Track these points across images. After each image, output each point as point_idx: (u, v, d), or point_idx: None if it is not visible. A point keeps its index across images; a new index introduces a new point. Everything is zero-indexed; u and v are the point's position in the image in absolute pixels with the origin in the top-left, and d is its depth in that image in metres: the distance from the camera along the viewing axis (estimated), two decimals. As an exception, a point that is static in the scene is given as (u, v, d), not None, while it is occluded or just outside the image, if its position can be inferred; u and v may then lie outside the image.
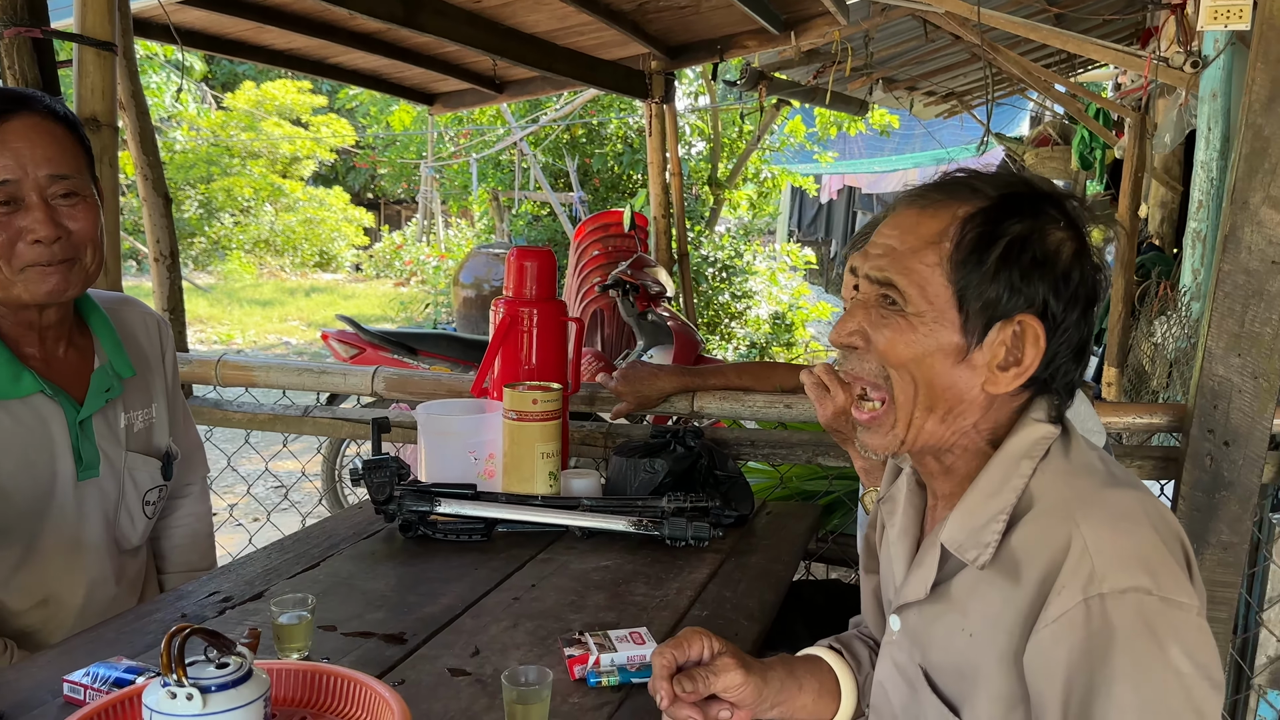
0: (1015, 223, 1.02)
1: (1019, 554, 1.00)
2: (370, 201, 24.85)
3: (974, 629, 1.03)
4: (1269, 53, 1.72)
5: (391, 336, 4.99)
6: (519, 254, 2.15)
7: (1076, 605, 0.92)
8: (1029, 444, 1.05)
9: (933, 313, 1.03)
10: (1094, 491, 1.00)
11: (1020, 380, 1.04)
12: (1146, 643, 0.90)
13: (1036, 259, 1.02)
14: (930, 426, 1.06)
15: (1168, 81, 4.07)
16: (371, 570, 1.72)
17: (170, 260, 2.73)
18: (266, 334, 12.32)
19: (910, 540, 1.18)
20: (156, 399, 1.82)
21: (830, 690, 1.28)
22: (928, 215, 1.05)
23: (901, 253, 1.05)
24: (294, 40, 4.45)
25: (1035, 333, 1.02)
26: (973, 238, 1.02)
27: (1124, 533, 0.95)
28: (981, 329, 1.02)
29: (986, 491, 1.05)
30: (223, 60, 21.53)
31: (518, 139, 12.12)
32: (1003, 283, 1.01)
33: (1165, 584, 0.92)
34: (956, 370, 1.04)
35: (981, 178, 1.06)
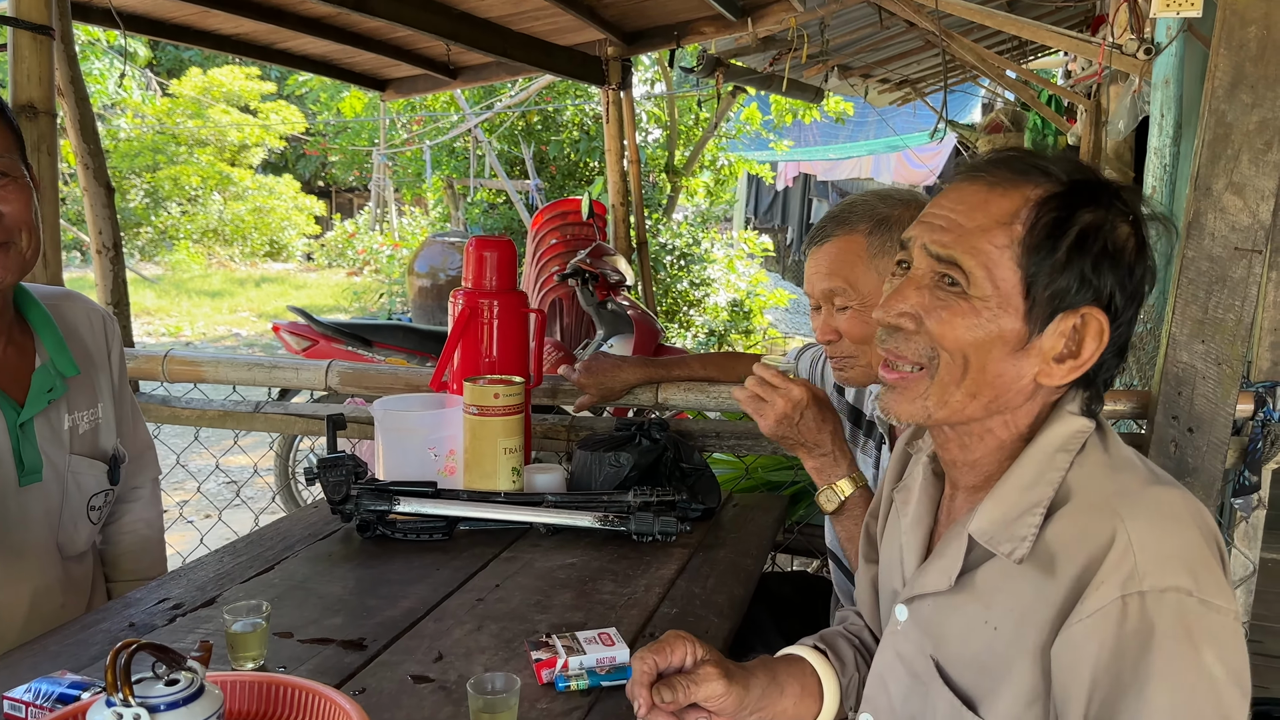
0: (1087, 211, 0.99)
1: (1055, 548, 0.97)
2: (321, 189, 24.49)
3: (999, 622, 1.00)
4: (1231, 39, 1.71)
5: (345, 328, 4.89)
6: (478, 244, 2.10)
7: (1113, 601, 0.90)
8: (1065, 437, 1.02)
9: (998, 298, 0.99)
10: (1138, 488, 0.97)
11: (1077, 373, 1.01)
12: (1182, 644, 0.88)
13: (1107, 250, 0.98)
14: (970, 409, 1.02)
15: (1121, 68, 4.10)
16: (328, 573, 1.67)
17: (114, 252, 2.64)
18: (216, 326, 12.10)
19: (924, 530, 1.15)
20: (102, 399, 1.75)
21: (812, 691, 1.25)
22: (997, 194, 1.00)
23: (969, 230, 1.00)
24: (241, 24, 4.34)
25: (1099, 326, 0.99)
26: (1046, 223, 0.98)
27: (1169, 532, 0.93)
28: (1045, 318, 0.99)
29: (1021, 484, 1.01)
30: (168, 46, 21.08)
31: (472, 126, 11.98)
32: (1074, 273, 0.98)
33: (1206, 586, 0.90)
34: (1011, 359, 1.00)
35: (1049, 159, 1.02)
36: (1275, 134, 1.70)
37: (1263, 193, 1.72)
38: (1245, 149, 1.71)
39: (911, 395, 1.04)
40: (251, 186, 19.72)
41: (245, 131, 19.87)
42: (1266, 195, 1.72)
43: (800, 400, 1.59)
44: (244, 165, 20.26)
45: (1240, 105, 1.71)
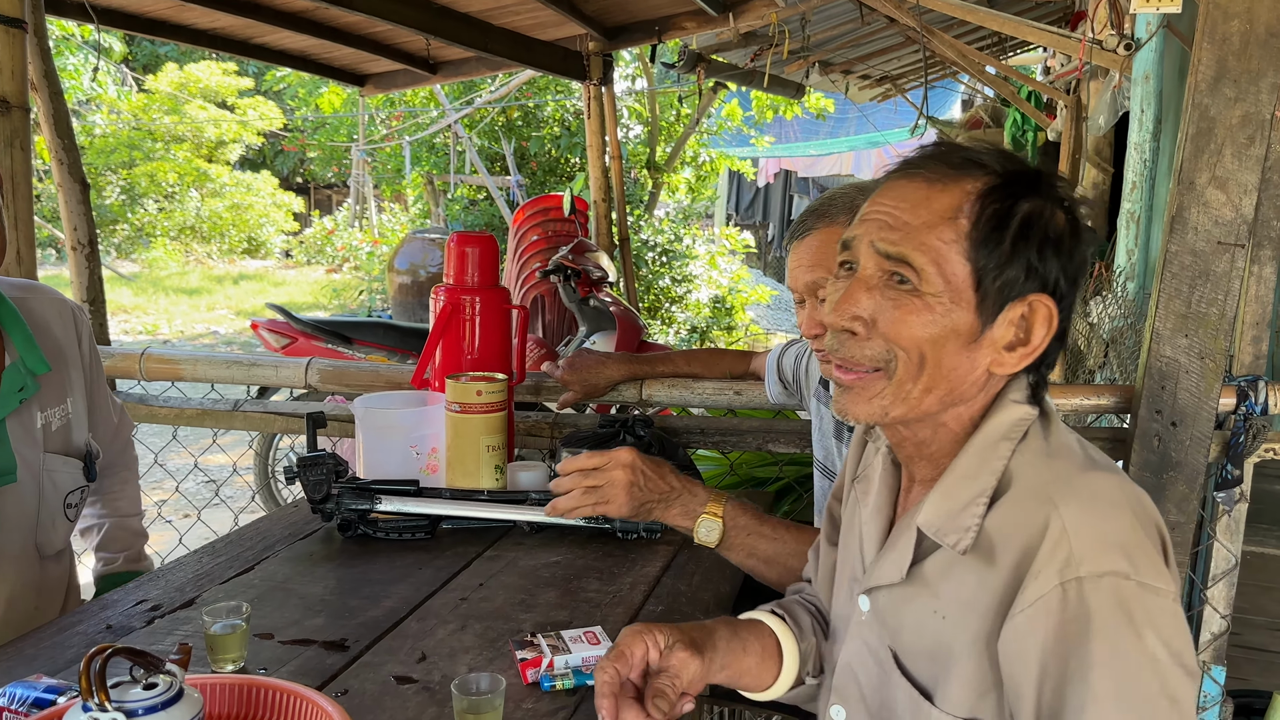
0: (1027, 200, 0.99)
1: (995, 537, 0.98)
2: (300, 186, 24.32)
3: (946, 611, 1.01)
4: (1214, 32, 1.71)
5: (325, 325, 4.86)
6: (460, 239, 2.08)
7: (1053, 589, 0.90)
8: (1007, 425, 1.03)
9: (950, 292, 0.99)
10: (1072, 474, 0.98)
11: (1028, 360, 1.02)
12: (1123, 628, 0.88)
13: (1049, 237, 0.99)
14: (926, 404, 1.03)
15: (1101, 64, 4.11)
16: (309, 573, 1.65)
17: (89, 249, 2.60)
18: (194, 324, 12.00)
19: (883, 519, 1.15)
20: (73, 394, 1.72)
21: (772, 654, 1.23)
22: (938, 189, 1.00)
23: (916, 227, 1.00)
24: (218, 19, 4.29)
25: (1048, 312, 1.00)
26: (990, 215, 0.99)
27: (1102, 516, 0.93)
28: (996, 309, 1.00)
29: (964, 474, 1.02)
30: (143, 41, 20.88)
31: (452, 121, 11.92)
32: (1020, 262, 0.98)
33: (1142, 569, 0.90)
34: (965, 351, 1.01)
35: (981, 152, 1.03)
36: (1258, 128, 1.70)
37: (1245, 186, 1.72)
38: (1228, 143, 1.71)
39: (868, 395, 1.03)
40: (229, 183, 19.55)
41: (222, 128, 19.71)
42: (1249, 189, 1.72)
43: (632, 460, 1.51)
44: (221, 162, 20.09)
45: (1223, 99, 1.71)
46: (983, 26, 6.20)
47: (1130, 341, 3.59)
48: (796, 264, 1.65)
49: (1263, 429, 1.92)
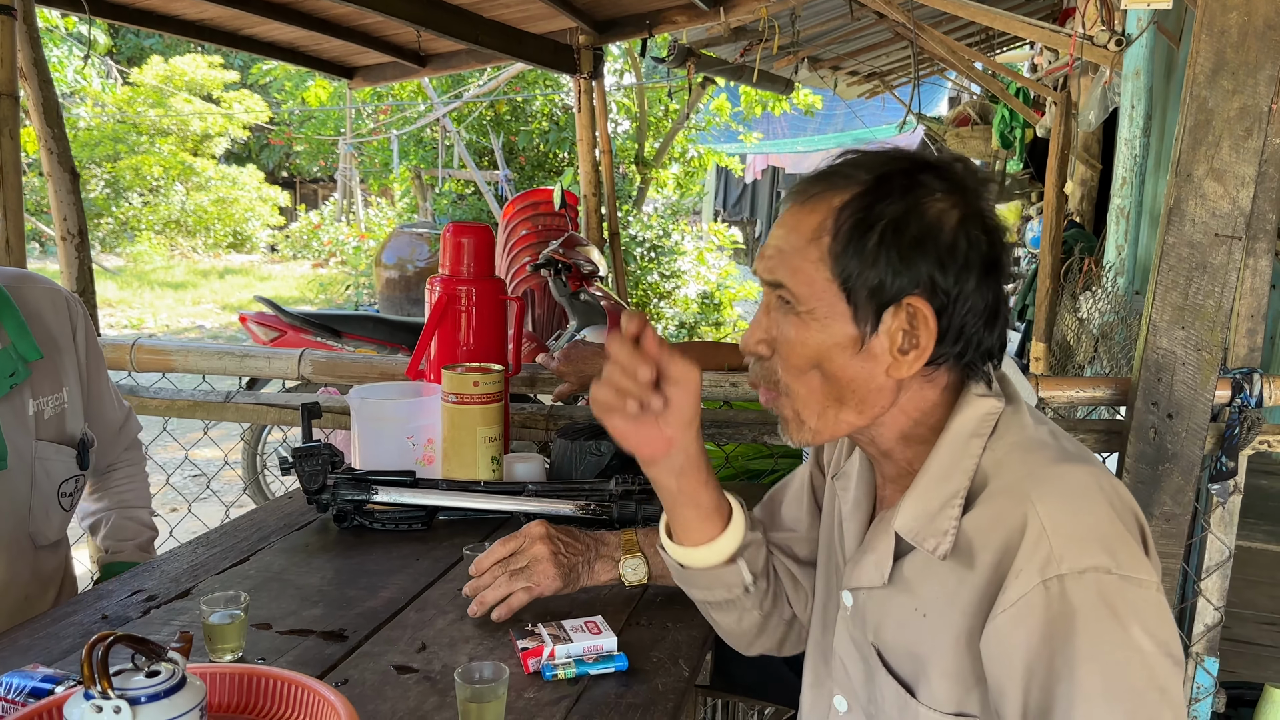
0: (889, 203, 0.99)
1: (973, 536, 0.98)
2: (285, 180, 24.21)
3: (927, 609, 1.01)
4: (1212, 25, 1.72)
5: (314, 318, 4.83)
6: (455, 230, 2.07)
7: (1035, 588, 0.90)
8: (975, 421, 1.03)
9: (823, 308, 1.01)
10: (1047, 468, 0.97)
11: (921, 362, 1.01)
12: (1108, 622, 0.88)
13: (915, 237, 0.98)
14: (846, 417, 1.04)
15: (1092, 60, 4.13)
16: (306, 564, 1.63)
17: (79, 239, 2.57)
18: (179, 318, 11.93)
19: (864, 515, 1.16)
20: (68, 383, 1.70)
21: (722, 513, 1.21)
22: (807, 210, 1.03)
23: (788, 252, 1.03)
24: (206, 10, 4.25)
25: (924, 314, 0.99)
26: (849, 226, 1.00)
27: (1080, 510, 0.93)
28: (874, 317, 1.00)
29: (937, 475, 1.02)
30: (128, 33, 20.75)
31: (441, 115, 11.88)
32: (884, 267, 0.98)
33: (1124, 561, 0.90)
34: (856, 360, 1.02)
35: (857, 162, 1.04)
36: (1255, 120, 1.71)
37: (1243, 179, 1.73)
38: (1226, 135, 1.72)
39: (788, 422, 1.07)
40: (214, 177, 19.45)
41: (208, 121, 19.59)
42: (1246, 181, 1.73)
43: (545, 530, 1.46)
44: (207, 155, 19.98)
45: (1221, 91, 1.71)
46: (972, 23, 6.22)
47: (1120, 336, 3.61)
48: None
49: (1257, 421, 1.93)
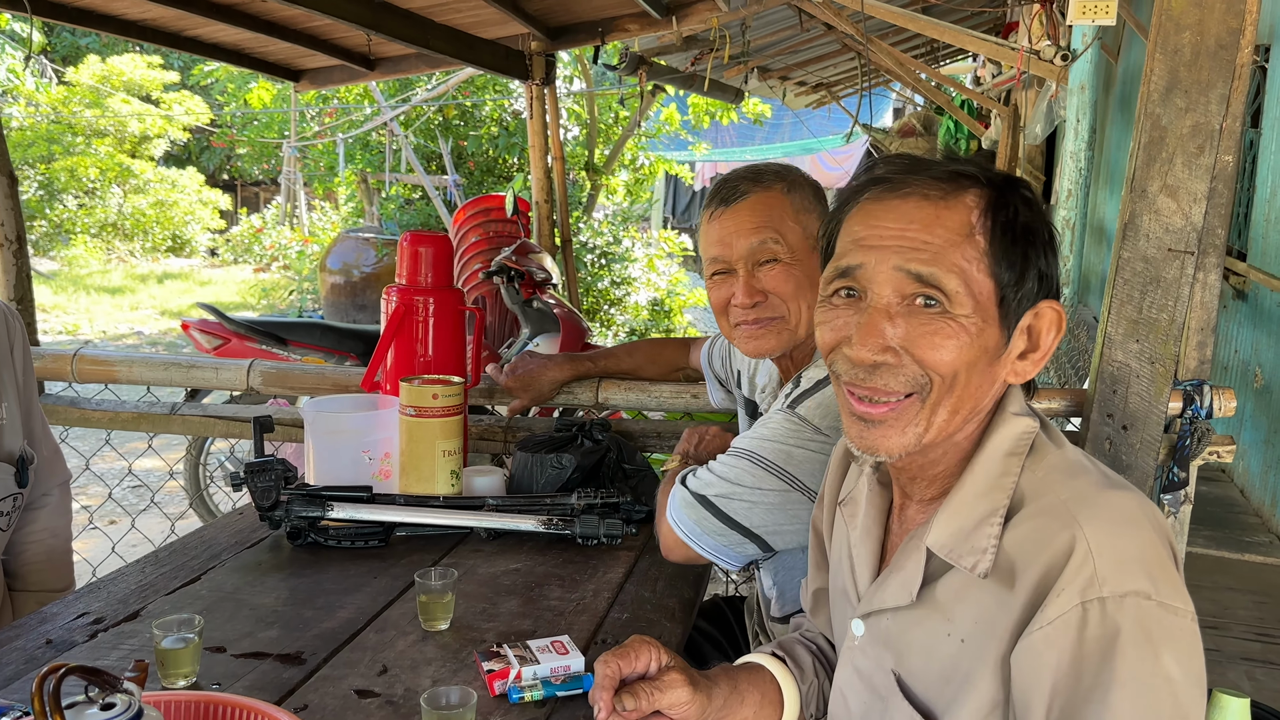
0: (1025, 208, 0.99)
1: (1014, 556, 0.95)
2: (226, 183, 23.77)
3: (965, 634, 0.98)
4: (1166, 44, 1.75)
5: (259, 326, 4.72)
6: (413, 239, 2.03)
7: (1074, 608, 0.89)
8: (1013, 440, 1.01)
9: (980, 313, 0.97)
10: (1093, 492, 0.96)
11: (1040, 365, 1.01)
12: (1143, 648, 0.87)
13: (1045, 241, 0.99)
14: (952, 425, 1.00)
15: (1038, 74, 4.20)
16: (259, 583, 1.59)
17: (17, 245, 2.49)
18: (117, 323, 11.63)
19: (874, 541, 1.12)
20: (6, 398, 1.64)
21: (772, 699, 1.22)
22: (943, 207, 0.98)
23: (940, 247, 0.96)
24: (149, 10, 4.14)
25: (1055, 315, 1.00)
26: (1000, 228, 0.97)
27: (1126, 536, 0.92)
28: (1015, 322, 0.99)
29: (975, 492, 1.00)
30: (63, 32, 20.24)
31: (388, 119, 11.75)
32: (1034, 272, 0.98)
33: (1163, 589, 0.89)
34: (992, 368, 0.99)
35: (959, 161, 1.02)
36: (1208, 138, 1.73)
37: (1195, 195, 1.76)
38: (1179, 152, 1.75)
39: (902, 425, 0.99)
40: (153, 179, 19.02)
41: (147, 122, 19.16)
42: (1199, 197, 1.76)
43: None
44: (145, 157, 19.54)
45: (1174, 109, 1.74)
46: (918, 35, 6.30)
47: (1066, 346, 3.67)
48: (735, 227, 1.58)
49: (1207, 432, 1.96)
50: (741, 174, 1.63)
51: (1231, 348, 4.29)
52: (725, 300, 1.62)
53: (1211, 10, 1.70)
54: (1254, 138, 4.30)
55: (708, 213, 1.65)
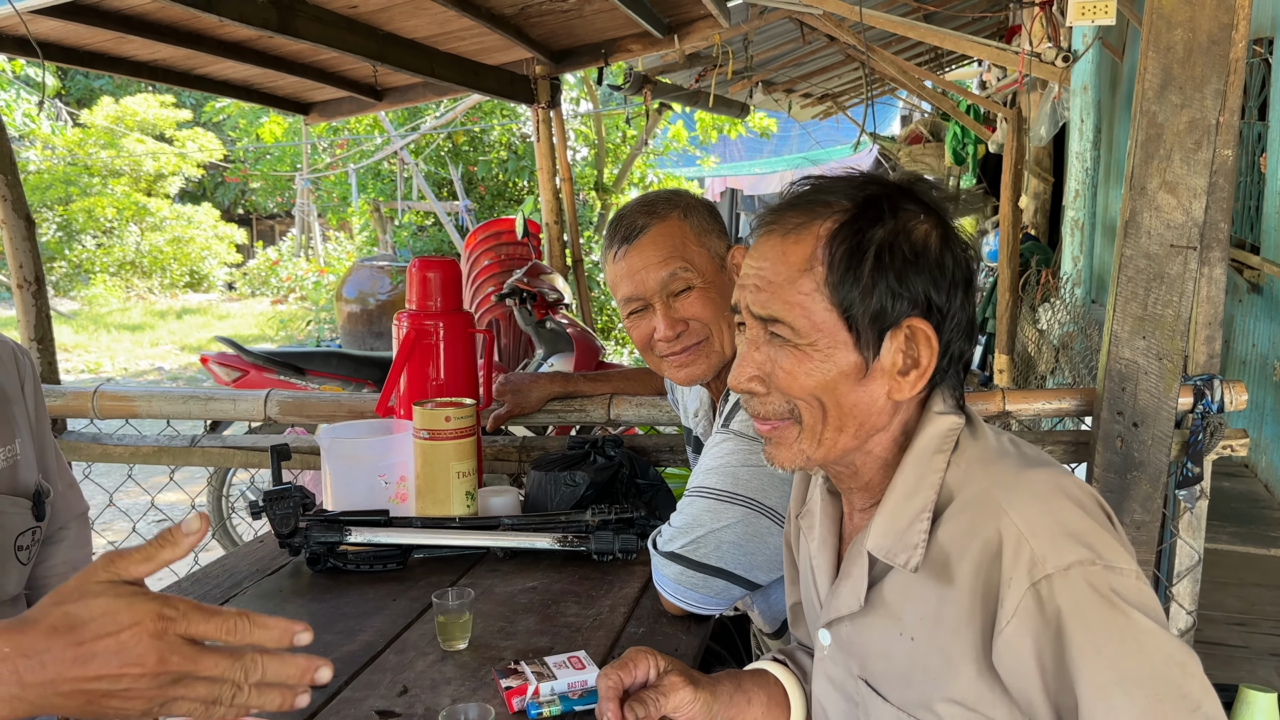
0: (878, 228, 1.00)
1: (948, 550, 0.98)
2: (241, 217, 24.01)
3: (914, 632, 1.01)
4: (1159, 41, 1.76)
5: (276, 357, 4.78)
6: (421, 265, 2.06)
7: (1027, 592, 0.91)
8: (938, 438, 1.04)
9: (825, 339, 1.01)
10: (1012, 475, 0.98)
11: (923, 381, 1.02)
12: (1105, 611, 0.89)
13: (908, 258, 1.00)
14: (842, 442, 1.04)
15: (1040, 76, 4.21)
16: (280, 609, 1.61)
17: (35, 286, 2.53)
18: (138, 360, 11.75)
19: (830, 551, 1.15)
20: (20, 434, 1.66)
21: (779, 702, 1.24)
22: (791, 241, 1.02)
23: (778, 284, 1.02)
24: (159, 50, 4.22)
25: (926, 334, 1.01)
26: (842, 254, 1.00)
27: (1051, 511, 0.94)
28: (875, 341, 1.01)
29: (904, 492, 1.03)
30: (77, 75, 20.54)
31: (398, 148, 11.86)
32: (883, 292, 0.99)
33: (1104, 552, 0.91)
34: (860, 387, 1.02)
35: (830, 188, 1.04)
36: (1204, 133, 1.74)
37: (1194, 190, 1.77)
38: (1177, 148, 1.76)
39: (787, 443, 1.06)
40: (169, 216, 19.24)
41: (161, 161, 19.40)
42: (1198, 193, 1.76)
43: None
44: (160, 195, 19.78)
45: (1170, 106, 1.75)
46: (921, 43, 6.33)
47: (1080, 346, 3.67)
48: (641, 264, 1.60)
49: (1219, 426, 1.96)
50: (634, 208, 1.65)
51: (1249, 342, 4.27)
52: (648, 336, 1.64)
53: (1202, 7, 1.71)
54: (1262, 130, 4.30)
55: (611, 253, 1.66)
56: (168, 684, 0.82)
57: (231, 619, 0.85)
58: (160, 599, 0.83)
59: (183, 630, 0.82)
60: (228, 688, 0.84)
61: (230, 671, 0.84)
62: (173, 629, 0.82)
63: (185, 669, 0.82)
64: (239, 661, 0.85)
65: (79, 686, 0.81)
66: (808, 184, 1.06)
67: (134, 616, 0.81)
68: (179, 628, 0.82)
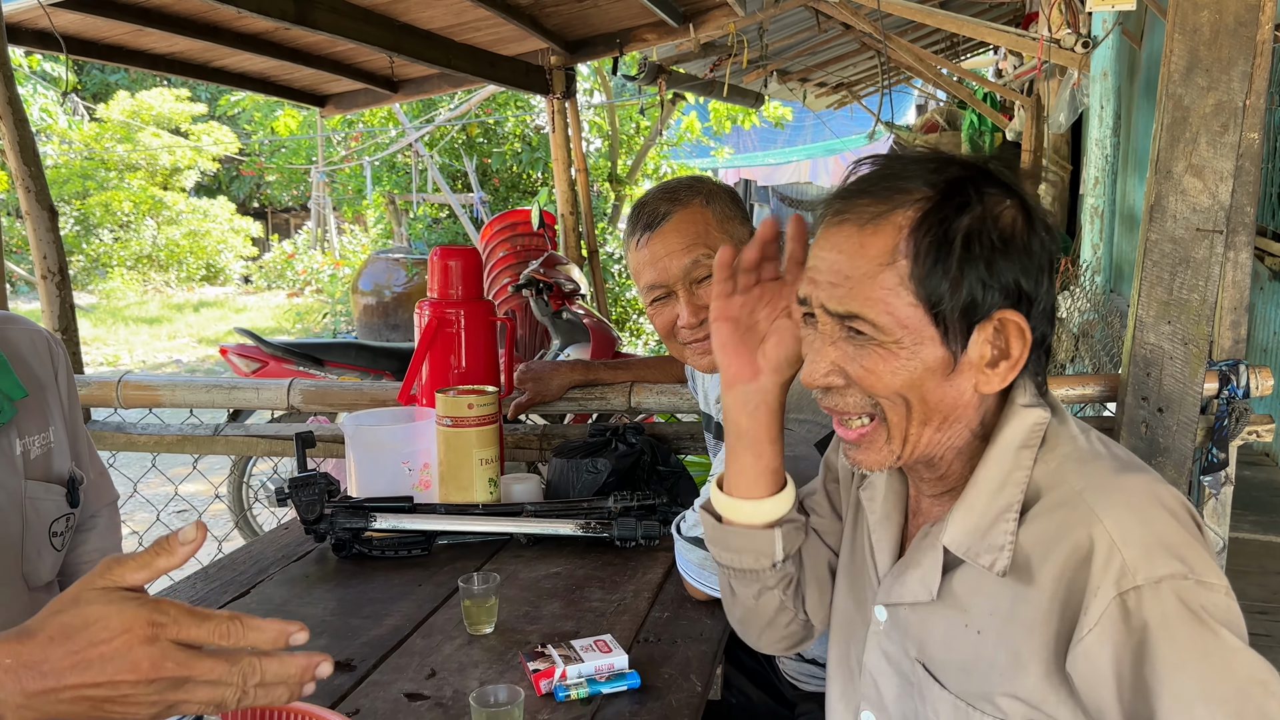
0: (964, 215, 0.95)
1: (1030, 550, 0.96)
2: (257, 210, 24.11)
3: (980, 626, 0.99)
4: (1185, 23, 1.75)
5: (295, 348, 4.80)
6: (443, 253, 2.06)
7: (1112, 601, 0.88)
8: (1024, 432, 1.00)
9: (910, 336, 0.96)
10: (1107, 479, 0.95)
11: (1014, 373, 0.98)
12: (1194, 627, 0.86)
13: (996, 246, 0.95)
14: (928, 436, 1.01)
15: (1059, 62, 4.19)
16: (307, 594, 1.62)
17: (59, 277, 2.55)
18: (156, 353, 11.82)
19: (894, 528, 1.13)
20: (53, 421, 1.68)
21: (775, 476, 1.20)
22: (869, 232, 0.96)
23: (857, 280, 0.96)
24: (176, 43, 4.24)
25: (1018, 326, 0.96)
26: (928, 246, 0.94)
27: (1146, 520, 0.91)
28: (964, 335, 0.96)
29: (988, 489, 1.00)
30: (93, 69, 20.63)
31: (413, 140, 11.88)
32: (973, 284, 0.94)
33: (1197, 567, 0.89)
34: (948, 383, 0.98)
35: (904, 172, 0.98)
36: (1231, 116, 1.73)
37: (1221, 174, 1.75)
38: (1203, 131, 1.74)
39: (876, 447, 1.02)
40: (185, 210, 19.33)
41: (177, 154, 19.49)
42: (1225, 176, 1.75)
43: None
44: (177, 189, 19.87)
45: (1196, 89, 1.74)
46: (937, 30, 6.29)
47: (1100, 333, 3.65)
48: (665, 251, 1.59)
49: (1245, 412, 1.95)
50: (657, 195, 1.64)
51: (1270, 329, 4.23)
52: (671, 323, 1.64)
53: (1228, -12, 1.70)
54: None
55: (633, 240, 1.65)
56: (166, 690, 0.82)
57: (224, 623, 0.84)
58: (152, 604, 0.83)
59: (174, 635, 0.82)
60: (231, 691, 0.84)
61: (229, 676, 0.83)
62: (164, 634, 0.81)
63: (180, 674, 0.82)
64: (237, 665, 0.84)
65: (80, 694, 0.81)
66: (876, 166, 1.01)
67: (125, 623, 0.81)
68: (171, 633, 0.82)
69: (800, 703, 1.68)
